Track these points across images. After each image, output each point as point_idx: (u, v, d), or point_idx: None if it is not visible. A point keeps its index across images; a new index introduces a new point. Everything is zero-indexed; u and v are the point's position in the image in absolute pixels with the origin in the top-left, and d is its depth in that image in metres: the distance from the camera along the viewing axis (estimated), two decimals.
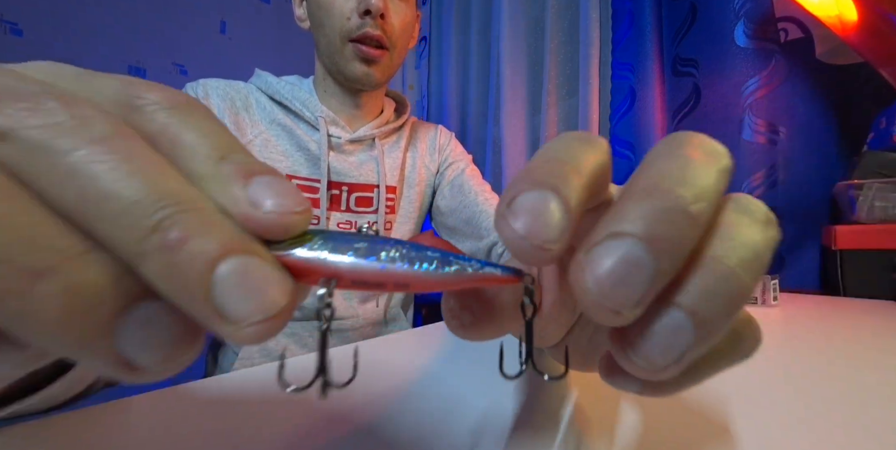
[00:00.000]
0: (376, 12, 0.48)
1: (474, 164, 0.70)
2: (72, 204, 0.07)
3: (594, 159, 0.10)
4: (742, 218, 0.10)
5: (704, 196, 0.09)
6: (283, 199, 0.09)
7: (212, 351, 0.58)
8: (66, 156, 0.07)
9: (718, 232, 0.10)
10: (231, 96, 0.53)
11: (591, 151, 0.10)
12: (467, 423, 0.18)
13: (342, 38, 0.50)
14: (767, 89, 0.72)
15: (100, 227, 0.07)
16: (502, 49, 1.17)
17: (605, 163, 0.11)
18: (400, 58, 0.55)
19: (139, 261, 0.07)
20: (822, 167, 0.71)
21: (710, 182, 0.10)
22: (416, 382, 0.24)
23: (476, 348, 0.31)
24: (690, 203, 0.09)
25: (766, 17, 0.72)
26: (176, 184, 0.08)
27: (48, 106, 0.08)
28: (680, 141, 0.11)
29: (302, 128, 0.55)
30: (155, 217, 0.07)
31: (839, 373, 0.25)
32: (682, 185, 0.09)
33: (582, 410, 0.17)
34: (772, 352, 0.29)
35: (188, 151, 0.09)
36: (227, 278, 0.07)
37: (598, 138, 0.11)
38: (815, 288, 0.69)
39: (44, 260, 0.07)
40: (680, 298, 0.09)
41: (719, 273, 0.09)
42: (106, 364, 0.08)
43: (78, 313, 0.07)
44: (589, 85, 0.97)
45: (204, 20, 2.04)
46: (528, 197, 0.09)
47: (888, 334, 0.34)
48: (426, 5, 1.56)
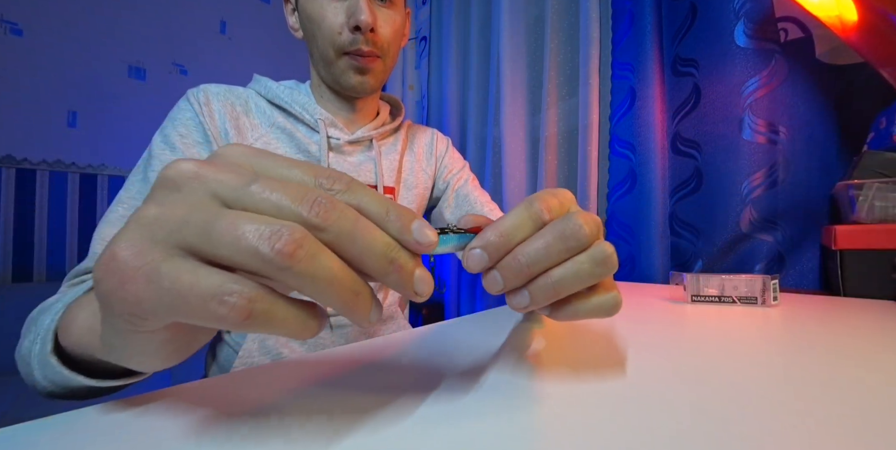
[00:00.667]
0: (366, 28, 0.49)
1: (474, 164, 0.71)
2: (356, 254, 0.16)
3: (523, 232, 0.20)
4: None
5: (509, 234, 0.20)
6: (426, 237, 0.17)
7: (211, 348, 0.58)
8: (350, 234, 0.15)
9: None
10: (231, 101, 0.54)
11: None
12: (467, 422, 0.18)
13: (336, 51, 0.51)
14: (767, 89, 0.72)
15: (367, 262, 0.16)
16: (502, 49, 1.17)
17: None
18: (392, 60, 0.56)
19: (383, 277, 0.17)
20: (822, 167, 0.71)
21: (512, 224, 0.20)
22: (415, 381, 0.24)
23: (476, 348, 0.31)
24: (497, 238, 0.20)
25: (766, 17, 0.72)
26: (386, 237, 0.16)
27: (332, 206, 0.15)
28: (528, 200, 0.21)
29: (302, 130, 0.55)
30: (389, 256, 0.16)
31: (839, 373, 0.25)
32: (495, 228, 0.20)
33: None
34: (772, 352, 0.29)
35: (370, 212, 0.17)
36: (419, 278, 0.17)
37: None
38: (815, 288, 0.69)
39: (356, 284, 0.16)
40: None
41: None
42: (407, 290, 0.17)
43: (365, 297, 0.16)
44: (589, 85, 0.97)
45: (204, 20, 2.04)
46: (476, 252, 0.19)
47: (888, 334, 0.34)
48: (426, 5, 1.56)
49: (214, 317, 0.14)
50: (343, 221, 0.15)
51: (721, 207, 0.75)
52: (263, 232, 0.14)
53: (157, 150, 0.49)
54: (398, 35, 0.55)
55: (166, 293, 0.14)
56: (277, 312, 0.15)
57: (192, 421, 0.19)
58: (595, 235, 0.20)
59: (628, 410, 0.19)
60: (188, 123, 0.51)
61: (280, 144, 0.54)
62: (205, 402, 0.21)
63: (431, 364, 0.27)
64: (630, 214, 0.93)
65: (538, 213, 0.20)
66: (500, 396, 0.21)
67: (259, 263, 0.14)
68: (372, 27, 0.49)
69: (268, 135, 0.54)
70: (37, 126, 1.60)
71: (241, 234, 0.14)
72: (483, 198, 0.68)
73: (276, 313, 0.15)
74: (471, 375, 0.25)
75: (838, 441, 0.16)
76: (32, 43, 1.57)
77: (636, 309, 0.47)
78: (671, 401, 0.21)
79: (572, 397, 0.21)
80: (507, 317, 0.43)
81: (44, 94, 1.60)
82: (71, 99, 1.66)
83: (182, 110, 0.52)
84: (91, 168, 1.72)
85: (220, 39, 2.10)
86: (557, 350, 0.30)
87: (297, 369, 0.26)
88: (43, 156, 1.62)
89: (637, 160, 0.91)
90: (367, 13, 0.48)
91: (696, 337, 0.34)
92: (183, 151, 0.49)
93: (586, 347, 0.31)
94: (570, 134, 1.08)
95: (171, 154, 0.48)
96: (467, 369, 0.26)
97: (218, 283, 0.14)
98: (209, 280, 0.14)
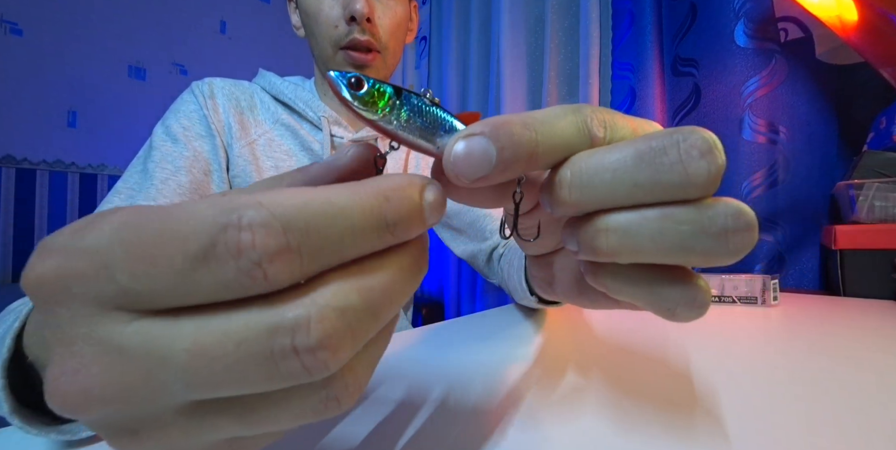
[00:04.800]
0: (361, 18, 0.47)
1: None
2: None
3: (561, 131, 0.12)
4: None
5: (540, 130, 0.12)
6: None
7: None
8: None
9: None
10: (236, 96, 0.53)
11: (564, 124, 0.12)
12: (467, 421, 0.18)
13: (333, 46, 0.50)
14: (767, 89, 0.72)
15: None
16: (502, 49, 1.17)
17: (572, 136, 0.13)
18: (394, 57, 0.55)
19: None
20: (822, 167, 0.71)
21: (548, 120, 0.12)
22: (415, 381, 0.24)
23: (476, 348, 0.31)
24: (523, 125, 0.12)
25: (766, 17, 0.72)
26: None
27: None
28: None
29: (305, 128, 0.55)
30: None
31: (839, 373, 0.25)
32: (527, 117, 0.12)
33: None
34: (772, 352, 0.29)
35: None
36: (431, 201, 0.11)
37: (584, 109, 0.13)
38: (815, 288, 0.69)
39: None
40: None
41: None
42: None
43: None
44: (589, 85, 0.97)
45: (204, 20, 2.04)
46: (478, 141, 0.12)
47: (888, 334, 0.34)
48: (426, 5, 1.56)
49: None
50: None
51: None
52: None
53: (159, 141, 0.48)
54: (399, 28, 0.53)
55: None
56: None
57: None
58: (715, 181, 0.11)
59: (628, 409, 0.19)
60: (192, 115, 0.50)
61: (284, 141, 0.54)
62: None
63: (431, 364, 0.27)
64: None
65: (592, 118, 0.13)
66: (500, 395, 0.21)
67: None
68: (368, 17, 0.48)
69: (271, 132, 0.54)
70: (37, 126, 1.60)
71: None
72: None
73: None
74: (471, 374, 0.25)
75: (838, 441, 0.16)
76: (32, 43, 1.57)
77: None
78: (671, 401, 0.21)
79: (572, 396, 0.21)
80: (508, 317, 0.43)
81: (44, 94, 1.60)
82: (71, 99, 1.66)
83: (186, 102, 0.51)
84: (91, 168, 1.72)
85: (220, 39, 2.10)
86: (557, 350, 0.30)
87: None
88: (43, 156, 1.62)
89: None
90: (363, 3, 0.47)
91: (696, 337, 0.34)
92: (185, 143, 0.48)
93: (586, 346, 0.31)
94: None
95: (172, 146, 0.47)
96: (467, 369, 0.26)
97: None
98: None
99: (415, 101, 0.12)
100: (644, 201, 0.12)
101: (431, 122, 0.12)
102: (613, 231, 0.12)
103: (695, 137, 0.11)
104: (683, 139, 0.11)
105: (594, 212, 0.12)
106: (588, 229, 0.12)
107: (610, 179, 0.12)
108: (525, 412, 0.19)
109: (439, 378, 0.24)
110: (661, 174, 0.11)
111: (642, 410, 0.19)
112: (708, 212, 0.11)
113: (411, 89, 0.12)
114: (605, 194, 0.12)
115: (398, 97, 0.12)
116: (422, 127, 0.12)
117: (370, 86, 0.11)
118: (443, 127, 0.12)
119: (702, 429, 0.17)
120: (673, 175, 0.11)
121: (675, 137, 0.11)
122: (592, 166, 0.12)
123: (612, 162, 0.12)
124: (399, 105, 0.12)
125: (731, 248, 0.11)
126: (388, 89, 0.12)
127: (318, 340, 0.09)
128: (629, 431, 0.17)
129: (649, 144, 0.11)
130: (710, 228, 0.11)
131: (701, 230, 0.11)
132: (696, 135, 0.11)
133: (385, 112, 0.12)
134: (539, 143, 0.12)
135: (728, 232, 0.11)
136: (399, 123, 0.12)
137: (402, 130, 0.12)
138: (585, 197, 0.12)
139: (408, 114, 0.12)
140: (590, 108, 0.13)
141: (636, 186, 0.11)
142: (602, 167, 0.12)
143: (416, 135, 0.12)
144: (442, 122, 0.12)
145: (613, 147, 0.12)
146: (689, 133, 0.11)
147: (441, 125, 0.12)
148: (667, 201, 0.12)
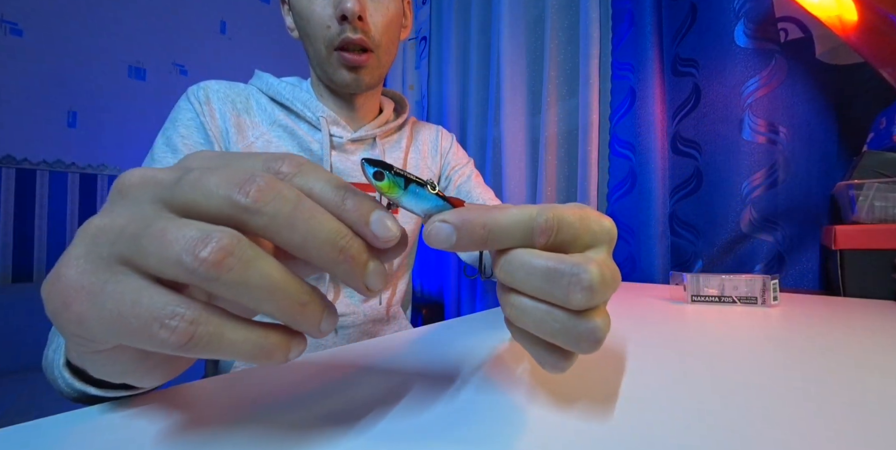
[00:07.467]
0: (352, 16, 0.47)
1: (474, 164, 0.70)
2: (298, 241, 0.14)
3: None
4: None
5: (497, 231, 0.17)
6: (387, 230, 0.16)
7: None
8: (288, 217, 0.14)
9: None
10: (232, 98, 0.53)
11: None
12: (468, 422, 0.18)
13: (327, 47, 0.50)
14: (767, 89, 0.72)
15: (311, 251, 0.14)
16: (502, 49, 1.17)
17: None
18: (389, 55, 0.54)
19: (332, 268, 0.15)
20: (822, 167, 0.71)
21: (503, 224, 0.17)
22: (416, 381, 0.24)
23: (476, 348, 0.31)
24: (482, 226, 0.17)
25: (766, 17, 0.72)
26: (337, 223, 0.15)
27: (268, 187, 0.14)
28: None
29: (303, 128, 0.55)
30: (338, 244, 0.15)
31: (839, 373, 0.25)
32: (488, 220, 0.17)
33: None
34: (772, 352, 0.29)
35: (322, 199, 0.15)
36: (373, 270, 0.16)
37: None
38: (815, 288, 0.69)
39: (301, 293, 0.14)
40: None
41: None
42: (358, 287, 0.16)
43: (315, 299, 0.15)
44: (589, 85, 0.97)
45: (204, 20, 2.04)
46: (445, 228, 0.16)
47: (888, 334, 0.34)
48: (426, 5, 1.56)
49: (156, 341, 0.13)
50: (280, 203, 0.14)
51: (721, 207, 0.75)
52: (189, 239, 0.12)
53: (160, 153, 0.48)
54: (392, 25, 0.52)
55: (108, 315, 0.13)
56: (226, 335, 0.13)
57: (192, 421, 0.19)
58: (591, 305, 0.15)
59: (628, 410, 0.19)
60: (189, 124, 0.50)
61: (282, 142, 0.53)
62: (205, 402, 0.21)
63: (432, 364, 0.27)
64: (630, 214, 0.93)
65: (540, 229, 0.16)
66: (500, 395, 0.21)
67: (186, 275, 0.13)
68: (360, 15, 0.47)
69: (269, 133, 0.53)
70: (37, 126, 1.60)
71: (166, 242, 0.13)
72: (486, 194, 0.66)
73: (224, 337, 0.13)
74: (471, 374, 0.25)
75: (838, 441, 0.16)
76: (32, 43, 1.57)
77: (636, 309, 0.47)
78: (671, 401, 0.21)
79: (572, 396, 0.21)
80: None
81: (44, 94, 1.60)
82: (71, 99, 1.66)
83: (183, 111, 0.51)
84: (91, 168, 1.72)
85: (220, 39, 2.10)
86: None
87: (298, 369, 0.26)
88: (43, 156, 1.62)
89: (637, 160, 0.91)
90: (354, 1, 0.46)
91: (696, 337, 0.34)
92: (185, 153, 0.48)
93: None
94: (570, 134, 1.08)
95: (172, 156, 0.48)
96: (467, 369, 0.26)
97: (161, 304, 0.13)
98: (152, 301, 0.13)
99: (415, 189, 0.17)
100: (542, 298, 0.16)
101: (424, 202, 0.17)
102: (515, 307, 0.17)
103: (585, 275, 0.15)
104: (576, 273, 0.15)
105: (511, 288, 0.17)
106: (503, 295, 0.18)
107: (524, 276, 0.16)
108: (525, 412, 0.19)
109: (439, 378, 0.24)
110: (555, 289, 0.15)
111: (641, 410, 0.19)
112: (576, 321, 0.16)
113: (419, 179, 0.17)
114: (520, 282, 0.16)
115: (405, 187, 0.17)
116: (416, 204, 0.17)
117: (388, 179, 0.16)
118: (433, 206, 0.17)
119: (701, 429, 0.17)
120: (560, 293, 0.15)
121: (575, 269, 0.15)
122: (517, 263, 0.16)
123: (531, 265, 0.16)
124: (405, 192, 0.17)
125: (583, 349, 0.16)
126: (400, 182, 0.17)
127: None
128: (628, 431, 0.17)
129: (557, 265, 0.15)
130: (572, 331, 0.16)
131: (566, 331, 0.16)
132: (587, 275, 0.15)
133: (396, 194, 0.17)
134: (489, 240, 0.16)
135: (582, 339, 0.16)
136: (403, 201, 0.17)
137: (404, 203, 0.17)
138: (507, 277, 0.17)
139: (409, 197, 0.17)
140: (546, 215, 0.17)
141: (538, 287, 0.16)
142: (522, 266, 0.16)
143: (411, 208, 0.17)
144: (433, 204, 0.17)
145: (540, 255, 0.16)
146: (583, 270, 0.15)
147: (431, 206, 0.17)
148: (556, 304, 0.16)
